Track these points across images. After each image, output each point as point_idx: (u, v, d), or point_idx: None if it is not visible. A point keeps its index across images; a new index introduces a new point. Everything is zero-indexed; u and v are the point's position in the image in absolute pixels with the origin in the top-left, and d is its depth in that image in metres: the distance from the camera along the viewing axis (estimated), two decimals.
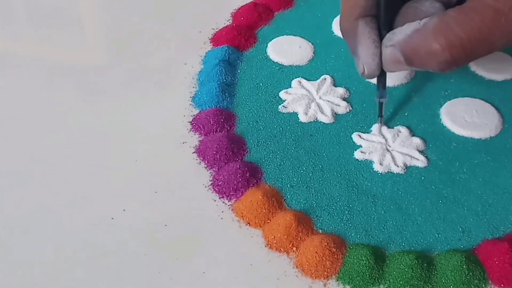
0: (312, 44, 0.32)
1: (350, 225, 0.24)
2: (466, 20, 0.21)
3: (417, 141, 0.27)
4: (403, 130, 0.27)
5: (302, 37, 0.32)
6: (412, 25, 0.23)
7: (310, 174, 0.25)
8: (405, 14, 0.24)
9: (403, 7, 0.24)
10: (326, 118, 0.28)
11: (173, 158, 0.26)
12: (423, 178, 0.25)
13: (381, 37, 0.24)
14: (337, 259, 0.22)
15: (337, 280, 0.22)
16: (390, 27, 0.24)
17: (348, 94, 0.29)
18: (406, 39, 0.23)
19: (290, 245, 0.23)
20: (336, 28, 0.33)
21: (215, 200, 0.25)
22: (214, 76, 0.29)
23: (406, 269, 0.22)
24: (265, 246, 0.23)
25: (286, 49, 0.31)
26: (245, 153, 0.26)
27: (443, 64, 0.22)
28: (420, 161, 0.26)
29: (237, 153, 0.26)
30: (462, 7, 0.21)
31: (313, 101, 0.29)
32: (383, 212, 0.24)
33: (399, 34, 0.23)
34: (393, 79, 0.30)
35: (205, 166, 0.26)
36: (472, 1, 0.21)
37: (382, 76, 0.25)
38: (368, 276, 0.22)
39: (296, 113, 0.28)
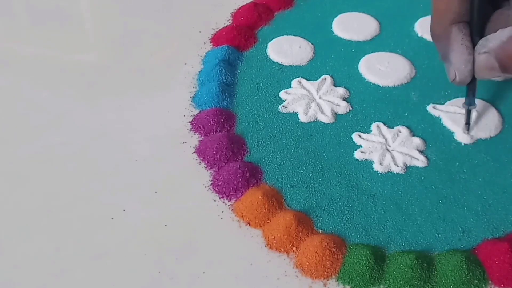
0: (312, 44, 0.32)
1: (350, 225, 0.24)
2: None
3: (417, 141, 0.27)
4: (403, 130, 0.27)
5: (302, 37, 0.32)
6: (506, 31, 0.23)
7: (310, 174, 0.25)
8: (496, 21, 0.24)
9: (495, 13, 0.24)
10: (326, 118, 0.28)
11: (173, 158, 0.26)
12: (423, 178, 0.25)
13: (473, 43, 0.24)
14: (337, 259, 0.22)
15: (337, 280, 0.22)
16: (482, 33, 0.24)
17: (348, 94, 0.29)
18: (502, 45, 0.23)
19: (290, 245, 0.23)
20: (336, 28, 0.33)
21: (215, 200, 0.25)
22: (214, 76, 0.29)
23: (406, 269, 0.22)
24: (265, 246, 0.23)
25: (286, 49, 0.31)
26: (245, 153, 0.26)
27: None
28: (420, 161, 0.26)
29: (237, 153, 0.26)
30: None
31: (313, 101, 0.29)
32: (383, 212, 0.24)
33: (493, 40, 0.23)
34: (393, 79, 0.30)
35: (205, 166, 0.26)
36: None
37: (472, 83, 0.25)
38: (368, 276, 0.22)
39: (296, 113, 0.28)
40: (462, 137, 0.27)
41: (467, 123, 0.26)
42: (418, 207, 0.24)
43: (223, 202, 0.24)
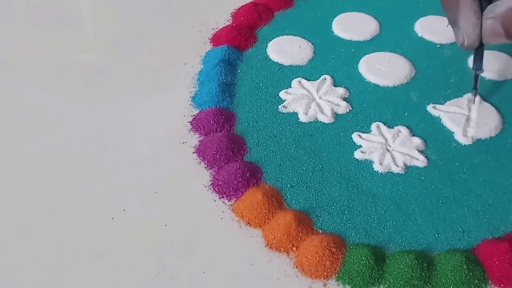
0: (312, 44, 0.32)
1: (350, 225, 0.24)
2: None
3: (417, 141, 0.27)
4: (403, 130, 0.27)
5: (302, 37, 0.32)
6: None
7: (310, 174, 0.25)
8: None
9: None
10: (326, 118, 0.28)
11: (173, 158, 0.26)
12: (423, 178, 0.25)
13: (481, 8, 0.24)
14: (337, 259, 0.22)
15: (337, 280, 0.22)
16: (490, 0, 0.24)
17: (348, 94, 0.29)
18: (508, 12, 0.23)
19: (290, 245, 0.23)
20: (336, 28, 0.33)
21: (215, 200, 0.25)
22: (214, 76, 0.29)
23: (406, 269, 0.22)
24: (265, 246, 0.23)
25: (286, 49, 0.31)
26: (245, 153, 0.26)
27: None
28: (420, 161, 0.26)
29: (237, 153, 0.26)
30: None
31: (313, 101, 0.29)
32: (383, 212, 0.24)
33: (501, 6, 0.23)
34: (393, 79, 0.30)
35: (205, 166, 0.26)
36: None
37: (480, 48, 0.25)
38: (368, 276, 0.22)
39: (296, 113, 0.28)
40: (462, 138, 0.27)
41: (475, 87, 0.27)
42: (418, 207, 0.24)
43: (223, 202, 0.24)
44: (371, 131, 0.27)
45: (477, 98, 0.27)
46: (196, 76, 0.30)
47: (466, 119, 0.26)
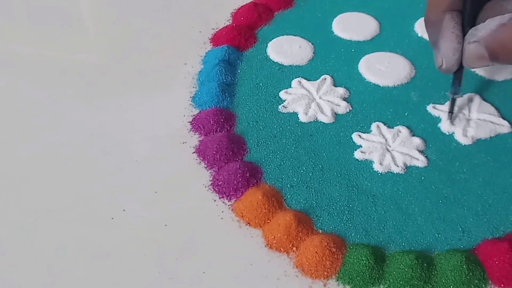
0: (312, 44, 0.32)
1: (350, 225, 0.24)
2: None
3: (417, 141, 0.27)
4: (403, 130, 0.27)
5: (302, 37, 0.32)
6: (496, 20, 0.23)
7: (310, 174, 0.25)
8: (490, 10, 0.24)
9: (488, 3, 0.24)
10: (326, 118, 0.28)
11: (173, 158, 0.26)
12: (423, 178, 0.25)
13: (464, 33, 0.24)
14: (337, 259, 0.22)
15: (337, 280, 0.22)
16: (473, 23, 0.24)
17: (348, 94, 0.29)
18: (491, 33, 0.23)
19: (290, 245, 0.23)
20: (336, 28, 0.33)
21: (215, 200, 0.25)
22: (214, 76, 0.29)
23: (406, 269, 0.22)
24: (265, 246, 0.23)
25: (286, 49, 0.31)
26: (245, 153, 0.26)
27: None
28: (420, 161, 0.26)
29: (237, 153, 0.26)
30: None
31: (313, 101, 0.29)
32: (383, 212, 0.24)
33: (483, 30, 0.23)
34: (393, 79, 0.30)
35: (205, 166, 0.26)
36: None
37: (459, 72, 0.25)
38: (368, 276, 0.22)
39: (296, 113, 0.28)
40: (462, 138, 0.27)
41: (451, 111, 0.27)
42: (418, 207, 0.24)
43: (223, 202, 0.24)
44: (371, 131, 0.27)
45: (453, 115, 0.27)
46: (196, 76, 0.30)
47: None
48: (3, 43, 0.33)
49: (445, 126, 0.27)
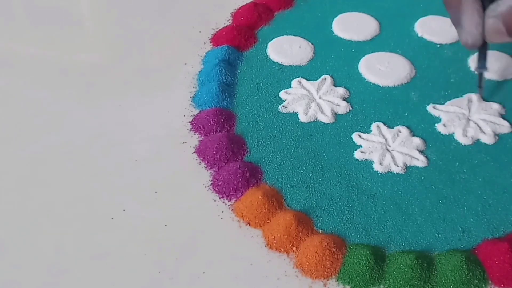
0: (312, 44, 0.32)
1: (350, 225, 0.24)
2: None
3: (417, 141, 0.27)
4: (403, 130, 0.27)
5: (302, 37, 0.32)
6: None
7: (310, 174, 0.25)
8: None
9: None
10: (326, 118, 0.28)
11: (173, 158, 0.26)
12: (423, 178, 0.25)
13: (484, 7, 0.24)
14: (337, 259, 0.22)
15: (337, 280, 0.22)
16: None
17: (348, 94, 0.29)
18: (509, 10, 0.23)
19: (290, 245, 0.23)
20: (336, 28, 0.33)
21: (215, 200, 0.25)
22: (214, 76, 0.29)
23: (406, 269, 0.22)
24: (265, 246, 0.23)
25: (286, 49, 0.31)
26: (245, 153, 0.26)
27: None
28: (420, 161, 0.26)
29: (237, 153, 0.26)
30: None
31: (313, 101, 0.29)
32: (383, 212, 0.24)
33: (503, 5, 0.23)
34: (393, 79, 0.30)
35: (205, 166, 0.26)
36: None
37: (483, 47, 0.25)
38: (368, 276, 0.22)
39: (296, 113, 0.28)
40: (462, 138, 0.27)
41: (480, 86, 0.27)
42: (418, 207, 0.24)
43: (223, 202, 0.24)
44: (371, 131, 0.27)
45: (478, 97, 0.27)
46: (196, 76, 0.30)
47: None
48: (3, 43, 0.33)
49: (441, 127, 0.27)
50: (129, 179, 0.25)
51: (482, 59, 0.26)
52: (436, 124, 0.27)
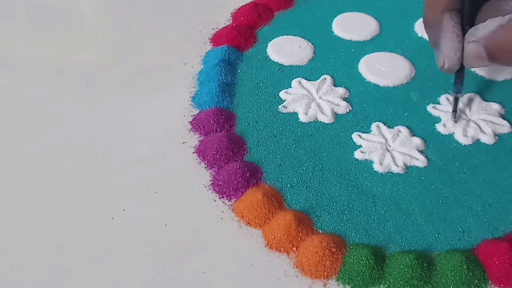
0: (312, 44, 0.32)
1: (350, 225, 0.24)
2: None
3: (417, 141, 0.27)
4: (403, 130, 0.27)
5: (302, 37, 0.32)
6: (496, 21, 0.23)
7: (310, 174, 0.25)
8: (488, 11, 0.24)
9: (486, 4, 0.24)
10: (326, 118, 0.28)
11: (173, 158, 0.26)
12: (423, 178, 0.25)
13: (463, 32, 0.24)
14: (337, 259, 0.22)
15: (337, 280, 0.22)
16: (472, 22, 0.24)
17: (348, 94, 0.29)
18: (491, 34, 0.23)
19: (290, 245, 0.23)
20: (336, 28, 0.33)
21: (215, 200, 0.25)
22: (214, 76, 0.29)
23: (406, 269, 0.22)
24: (265, 246, 0.23)
25: (286, 49, 0.31)
26: (245, 153, 0.26)
27: None
28: (420, 161, 0.26)
29: (237, 153, 0.26)
30: None
31: (313, 101, 0.29)
32: (383, 212, 0.24)
33: (482, 29, 0.23)
34: (393, 79, 0.30)
35: (205, 166, 0.26)
36: None
37: (460, 71, 0.25)
38: (368, 276, 0.22)
39: (296, 113, 0.28)
40: (462, 138, 0.27)
41: (454, 110, 0.27)
42: (418, 207, 0.24)
43: (223, 202, 0.25)
44: (371, 131, 0.27)
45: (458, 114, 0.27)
46: (196, 76, 0.30)
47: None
48: (4, 43, 0.33)
49: (441, 127, 0.27)
50: (129, 179, 0.25)
51: (459, 84, 0.26)
52: (436, 124, 0.28)
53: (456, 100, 0.27)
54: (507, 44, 0.22)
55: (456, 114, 0.27)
